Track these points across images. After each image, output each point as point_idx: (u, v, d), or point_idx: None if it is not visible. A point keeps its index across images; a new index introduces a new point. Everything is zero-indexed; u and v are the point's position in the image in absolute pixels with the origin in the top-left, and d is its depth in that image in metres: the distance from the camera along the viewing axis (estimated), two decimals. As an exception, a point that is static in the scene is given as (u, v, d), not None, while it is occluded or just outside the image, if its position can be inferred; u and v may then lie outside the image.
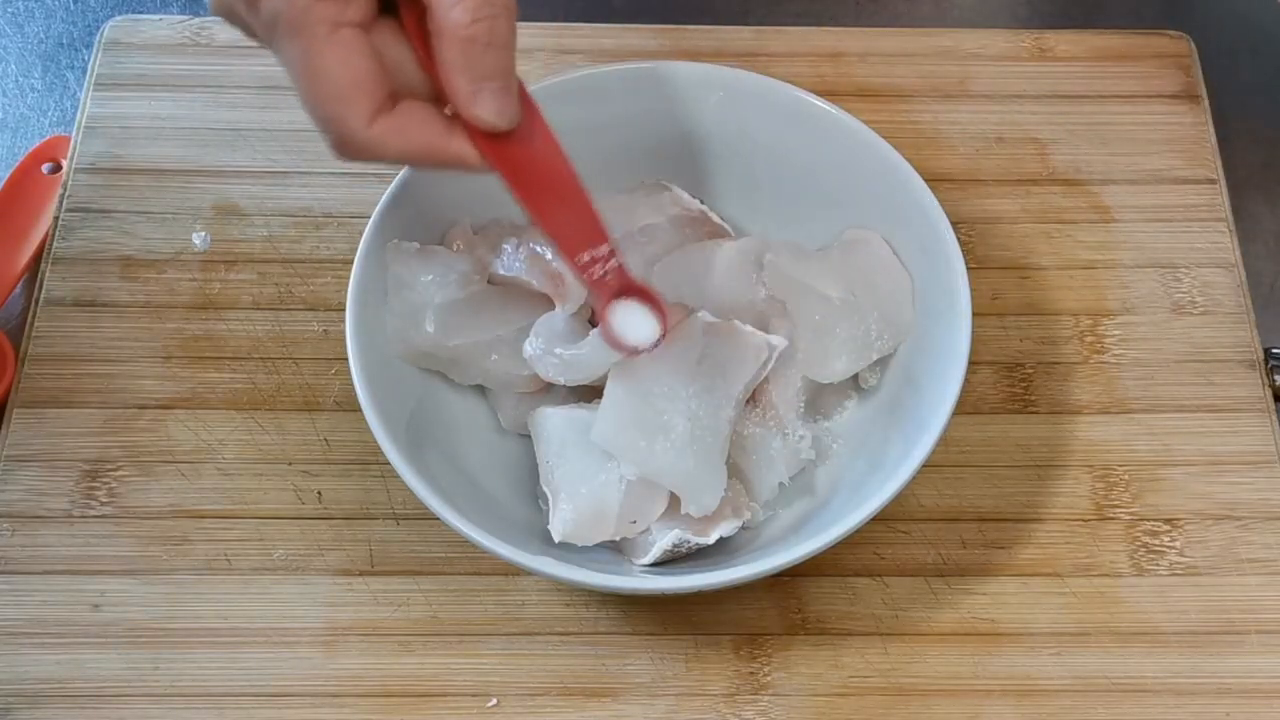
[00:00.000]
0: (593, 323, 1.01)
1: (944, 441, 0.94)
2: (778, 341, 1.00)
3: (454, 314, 1.00)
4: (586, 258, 0.93)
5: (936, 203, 1.01)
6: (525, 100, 0.88)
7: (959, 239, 1.00)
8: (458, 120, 0.86)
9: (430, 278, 1.00)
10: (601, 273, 0.93)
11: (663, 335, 0.95)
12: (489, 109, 0.84)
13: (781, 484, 1.00)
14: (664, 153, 1.09)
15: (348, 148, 0.84)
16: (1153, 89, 1.21)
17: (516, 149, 0.88)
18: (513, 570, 0.97)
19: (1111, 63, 1.24)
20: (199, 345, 1.09)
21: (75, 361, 1.08)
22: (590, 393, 0.99)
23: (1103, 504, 1.04)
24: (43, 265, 1.12)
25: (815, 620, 1.00)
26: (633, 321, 0.95)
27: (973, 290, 0.98)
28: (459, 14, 0.81)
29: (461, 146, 0.86)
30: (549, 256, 1.01)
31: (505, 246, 1.03)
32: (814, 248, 1.07)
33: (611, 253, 0.93)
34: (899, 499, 0.92)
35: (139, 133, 1.18)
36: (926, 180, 1.02)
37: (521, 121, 0.87)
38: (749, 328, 1.00)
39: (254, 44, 0.86)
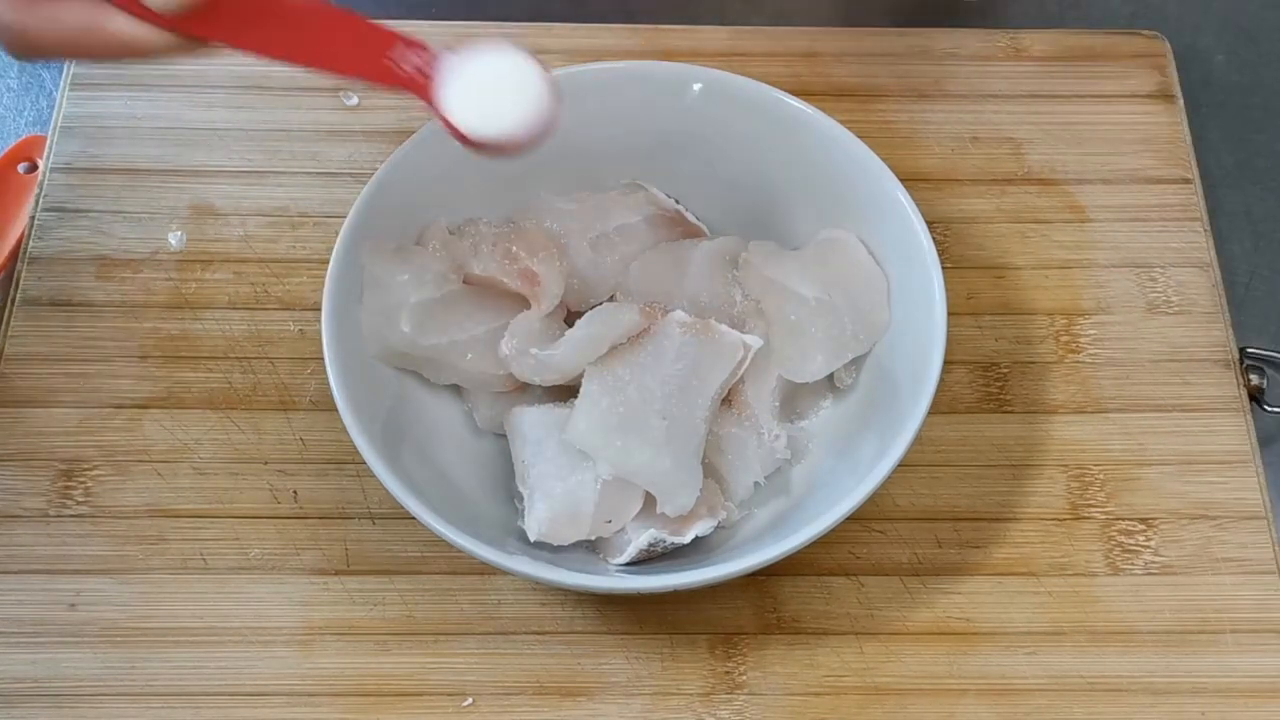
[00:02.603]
0: (569, 323, 1.01)
1: (919, 441, 0.94)
2: (753, 341, 1.00)
3: (429, 313, 1.00)
4: (394, 66, 0.87)
5: (912, 202, 1.01)
6: None
7: (934, 239, 1.00)
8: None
9: (406, 277, 1.00)
10: (410, 69, 0.88)
11: (554, 104, 0.87)
12: None
13: (757, 483, 1.00)
14: (640, 153, 1.09)
15: (5, 34, 0.84)
16: (1128, 89, 1.22)
17: (227, 14, 0.85)
18: (488, 570, 0.97)
19: (1087, 62, 1.24)
20: (175, 345, 1.09)
21: (51, 361, 1.08)
22: (565, 392, 0.99)
23: (1078, 503, 1.05)
24: (18, 265, 1.12)
25: (791, 619, 1.00)
26: (489, 97, 0.88)
27: (948, 290, 0.98)
28: None
29: (122, 24, 0.83)
30: (525, 256, 1.01)
31: (481, 246, 1.03)
32: (789, 247, 1.07)
33: (409, 48, 0.88)
34: (875, 498, 0.92)
35: (115, 132, 1.18)
36: (902, 180, 1.03)
37: None
38: (725, 327, 1.00)
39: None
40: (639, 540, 0.95)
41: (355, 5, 0.86)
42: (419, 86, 0.88)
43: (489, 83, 0.88)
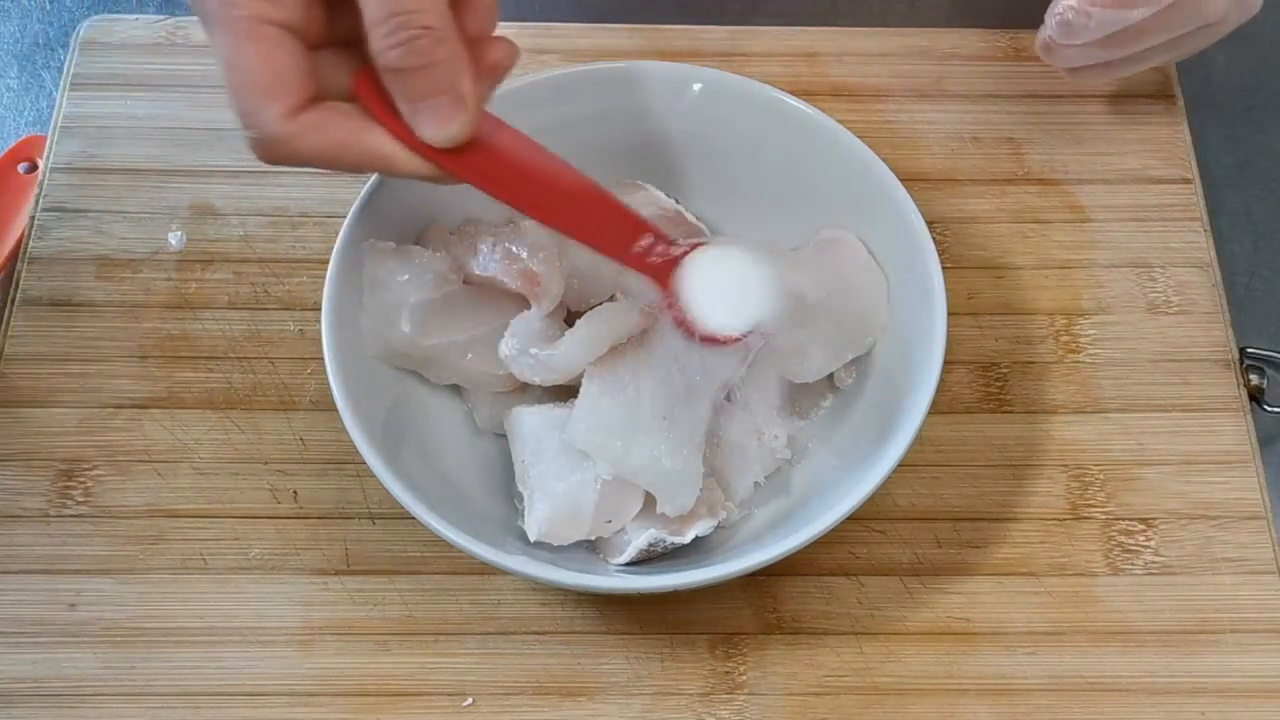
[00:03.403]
0: (569, 323, 1.01)
1: (919, 441, 0.94)
2: (754, 341, 1.00)
3: (430, 313, 1.00)
4: (641, 254, 0.93)
5: (912, 202, 1.01)
6: (492, 119, 0.89)
7: (934, 239, 1.00)
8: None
9: (406, 277, 1.00)
10: (657, 258, 0.94)
11: (782, 303, 0.94)
12: (428, 127, 0.84)
13: (757, 483, 1.00)
14: (639, 152, 1.09)
15: (264, 145, 0.84)
16: (1128, 88, 1.21)
17: (491, 161, 0.89)
18: (488, 570, 0.97)
19: (1087, 62, 1.24)
20: (175, 345, 1.09)
21: (51, 361, 1.08)
22: (566, 392, 0.99)
23: (1078, 503, 1.05)
24: (18, 265, 1.12)
25: (791, 620, 1.00)
26: (712, 300, 0.94)
27: (948, 290, 0.98)
28: (375, 40, 0.82)
29: (380, 141, 0.85)
30: (525, 256, 1.01)
31: (481, 246, 1.02)
32: (789, 247, 1.07)
33: (657, 240, 0.94)
34: (874, 498, 0.92)
35: (115, 132, 1.18)
36: (902, 180, 1.03)
37: (495, 135, 0.88)
38: (725, 327, 1.00)
39: None
40: (639, 540, 0.95)
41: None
42: (660, 277, 0.94)
43: (724, 282, 0.94)
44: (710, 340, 0.94)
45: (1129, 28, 1.05)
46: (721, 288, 0.94)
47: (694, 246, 0.95)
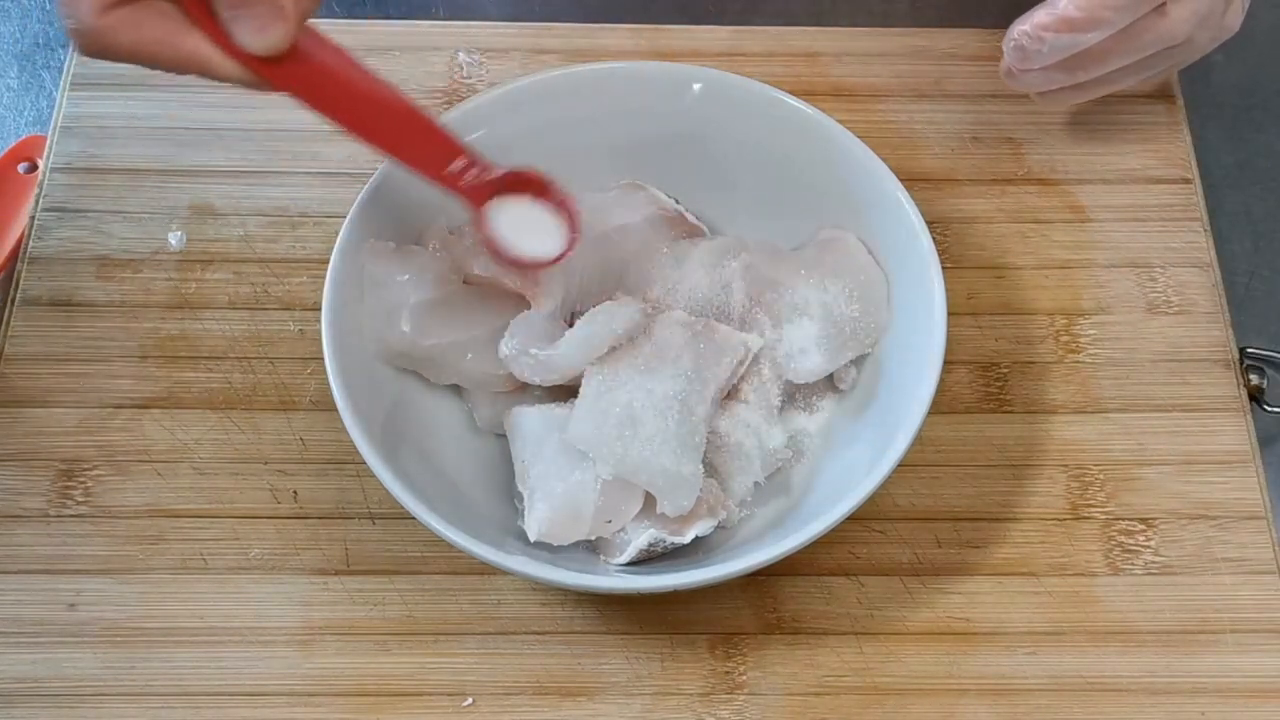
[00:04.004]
0: (569, 323, 1.01)
1: (919, 441, 0.94)
2: (753, 341, 1.00)
3: (430, 313, 1.00)
4: (451, 170, 0.94)
5: (912, 202, 1.02)
6: (313, 33, 0.89)
7: (934, 239, 1.00)
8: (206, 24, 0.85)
9: (406, 277, 1.00)
10: (471, 180, 0.95)
11: (573, 239, 0.96)
12: (245, 34, 0.85)
13: (757, 483, 1.00)
14: (640, 152, 1.09)
15: (80, 35, 0.84)
16: (1128, 88, 1.21)
17: (310, 74, 0.89)
18: (488, 570, 0.97)
19: (1087, 63, 1.24)
20: (175, 345, 1.09)
21: (51, 361, 1.08)
22: (565, 392, 0.99)
23: (1078, 503, 1.05)
24: (18, 265, 1.12)
25: (791, 619, 1.00)
26: (527, 227, 0.96)
27: (948, 290, 0.98)
28: None
29: (199, 45, 0.85)
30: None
31: (481, 246, 1.03)
32: (790, 247, 1.07)
33: (471, 161, 0.95)
34: (875, 498, 0.92)
35: (115, 132, 1.18)
36: (902, 180, 1.03)
37: (317, 50, 0.89)
38: (725, 327, 1.00)
39: None
40: (639, 540, 0.95)
41: (356, 5, 0.87)
42: (470, 200, 0.95)
43: (527, 217, 0.97)
44: (517, 264, 0.99)
45: (1090, 51, 1.04)
46: (525, 223, 0.97)
47: (507, 173, 0.96)
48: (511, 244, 0.97)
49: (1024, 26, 1.03)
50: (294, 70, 0.87)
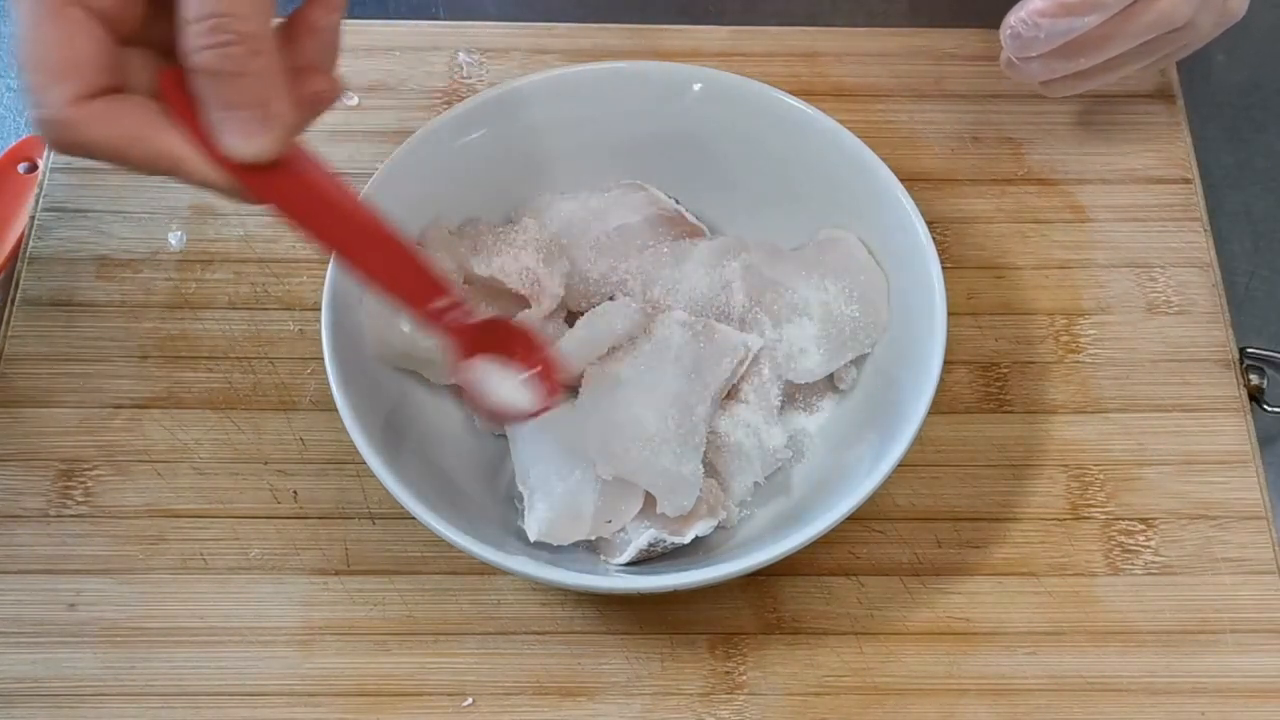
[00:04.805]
0: (569, 323, 1.01)
1: (919, 441, 0.94)
2: (753, 341, 1.00)
3: (430, 314, 1.00)
4: (434, 306, 0.89)
5: (912, 202, 1.02)
6: (303, 150, 0.83)
7: (934, 238, 1.00)
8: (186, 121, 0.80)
9: (406, 277, 1.00)
10: (452, 320, 0.90)
11: (552, 394, 0.93)
12: (231, 137, 0.79)
13: (757, 483, 1.00)
14: (640, 153, 1.09)
15: (49, 126, 0.79)
16: (1128, 88, 1.21)
17: (294, 189, 0.83)
18: (488, 570, 0.97)
19: (1087, 62, 1.24)
20: (175, 345, 1.09)
21: (51, 361, 1.08)
22: (565, 392, 0.99)
23: (1078, 503, 1.05)
24: (19, 265, 1.12)
25: (791, 619, 1.00)
26: (507, 382, 0.94)
27: (948, 290, 0.98)
28: (188, 38, 0.77)
29: (174, 141, 0.79)
30: (525, 256, 1.01)
31: (481, 246, 1.02)
32: (790, 247, 1.07)
33: (454, 302, 0.90)
34: (875, 498, 0.92)
35: (115, 132, 1.18)
36: (902, 180, 1.03)
37: (303, 166, 0.83)
38: (725, 327, 1.00)
39: None
40: (639, 540, 0.95)
41: (356, 6, 0.86)
42: (451, 339, 0.91)
43: (504, 375, 0.94)
44: (490, 416, 0.99)
45: (1089, 36, 1.04)
46: (503, 379, 0.93)
47: (488, 320, 0.93)
48: (490, 392, 0.93)
49: (1020, 14, 1.03)
50: (278, 182, 0.81)
